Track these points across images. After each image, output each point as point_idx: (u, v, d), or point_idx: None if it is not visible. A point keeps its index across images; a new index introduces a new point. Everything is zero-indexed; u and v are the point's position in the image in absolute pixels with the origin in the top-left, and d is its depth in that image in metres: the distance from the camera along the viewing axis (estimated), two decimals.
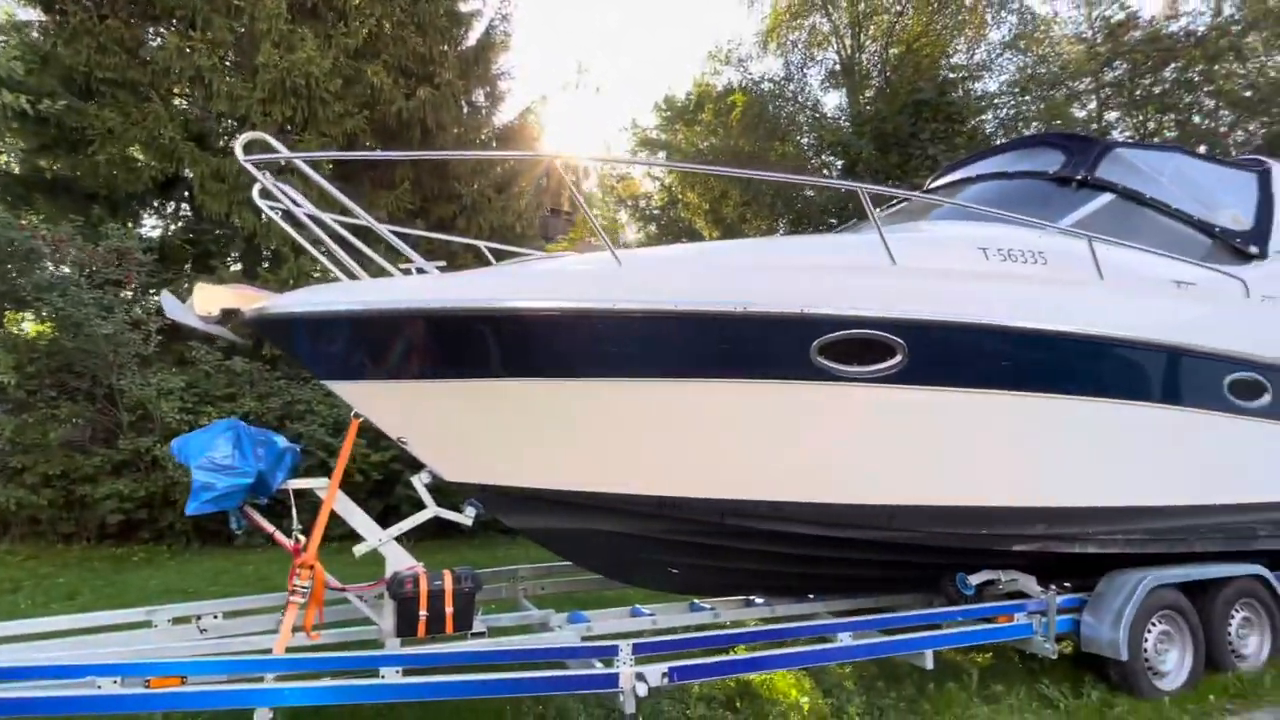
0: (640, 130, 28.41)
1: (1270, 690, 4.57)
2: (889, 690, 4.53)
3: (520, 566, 5.39)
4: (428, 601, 3.78)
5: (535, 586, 5.30)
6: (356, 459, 8.86)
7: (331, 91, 10.93)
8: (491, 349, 3.51)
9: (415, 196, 12.24)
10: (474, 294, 3.41)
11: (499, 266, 4.12)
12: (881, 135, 15.71)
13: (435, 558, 8.47)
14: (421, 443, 3.85)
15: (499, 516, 4.19)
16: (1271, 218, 5.84)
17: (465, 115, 13.27)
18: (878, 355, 3.85)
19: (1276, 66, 20.16)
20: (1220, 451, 4.79)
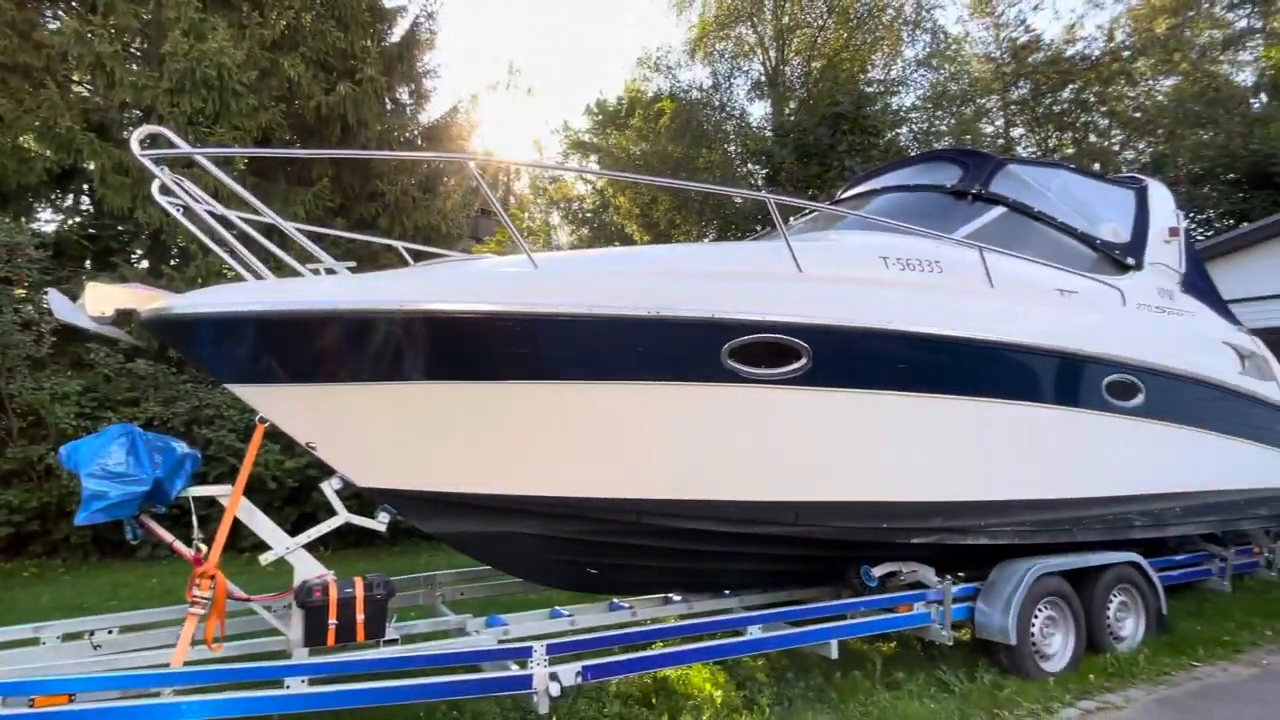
0: (572, 133, 28.44)
1: (1144, 668, 4.95)
2: (798, 681, 4.71)
3: (439, 572, 5.35)
4: (338, 610, 3.71)
5: (454, 592, 5.26)
6: (269, 466, 8.56)
7: (245, 84, 10.53)
8: (403, 352, 3.49)
9: (335, 194, 11.93)
10: (384, 295, 3.38)
11: (414, 268, 4.09)
12: (802, 146, 16.22)
13: (355, 566, 8.32)
14: (331, 448, 3.78)
15: (414, 522, 4.15)
16: (1147, 232, 6.35)
17: (389, 113, 13.02)
18: (784, 358, 4.01)
19: (1162, 91, 21.80)
20: (1099, 448, 5.16)
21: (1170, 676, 4.89)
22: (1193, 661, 5.14)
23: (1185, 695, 4.60)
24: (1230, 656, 5.27)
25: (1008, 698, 4.44)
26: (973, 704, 4.35)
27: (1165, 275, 6.26)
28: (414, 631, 4.39)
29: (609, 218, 26.39)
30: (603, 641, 4.01)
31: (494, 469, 3.81)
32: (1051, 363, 4.87)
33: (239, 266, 3.84)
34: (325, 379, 3.48)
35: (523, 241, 3.62)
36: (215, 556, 3.65)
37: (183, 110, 10.10)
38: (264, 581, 5.52)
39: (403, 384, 3.56)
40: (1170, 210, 6.64)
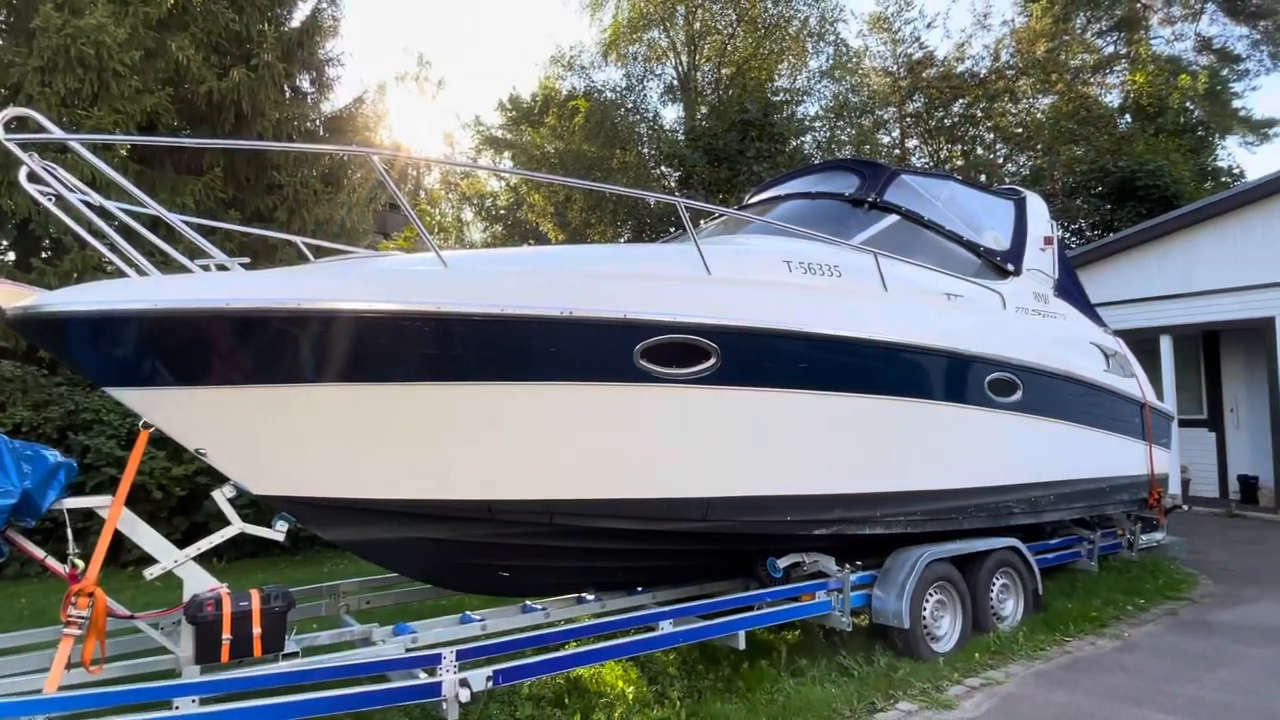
0: (485, 128, 27.99)
1: (1022, 645, 5.34)
2: (708, 673, 4.84)
3: (342, 581, 5.19)
4: (231, 624, 3.55)
5: (359, 601, 5.11)
6: (154, 474, 8.04)
7: (128, 64, 9.83)
8: (301, 353, 3.37)
9: (228, 185, 11.29)
10: (280, 293, 3.25)
11: (314, 264, 3.95)
12: (713, 150, 16.55)
13: (253, 577, 7.94)
14: (223, 454, 3.61)
15: (314, 529, 4.02)
16: (1025, 240, 6.86)
17: (288, 101, 12.43)
18: (695, 358, 4.11)
19: (1040, 109, 23.51)
20: (983, 441, 5.55)
21: (1045, 651, 5.30)
22: (1065, 637, 5.59)
23: (1058, 668, 5.00)
24: (1097, 631, 5.76)
25: (902, 679, 4.70)
26: (870, 686, 4.59)
27: (1041, 280, 6.78)
28: (316, 644, 4.23)
29: (523, 215, 26.13)
30: (515, 644, 4.00)
31: (399, 473, 3.73)
32: (940, 362, 5.19)
33: (119, 261, 3.60)
34: (216, 381, 3.31)
35: (431, 239, 3.56)
36: (94, 572, 3.41)
37: (55, 90, 9.33)
38: (151, 597, 5.20)
39: (301, 386, 3.43)
40: (1046, 220, 7.20)
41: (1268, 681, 4.62)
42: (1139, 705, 4.32)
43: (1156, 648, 5.36)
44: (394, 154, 7.40)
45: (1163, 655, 5.19)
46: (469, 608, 4.95)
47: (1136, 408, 7.42)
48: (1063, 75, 23.16)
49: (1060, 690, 4.59)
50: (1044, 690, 4.60)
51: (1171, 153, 18.66)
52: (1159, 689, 4.55)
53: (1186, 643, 5.44)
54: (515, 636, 4.07)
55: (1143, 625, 5.92)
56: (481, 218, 30.35)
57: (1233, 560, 8.04)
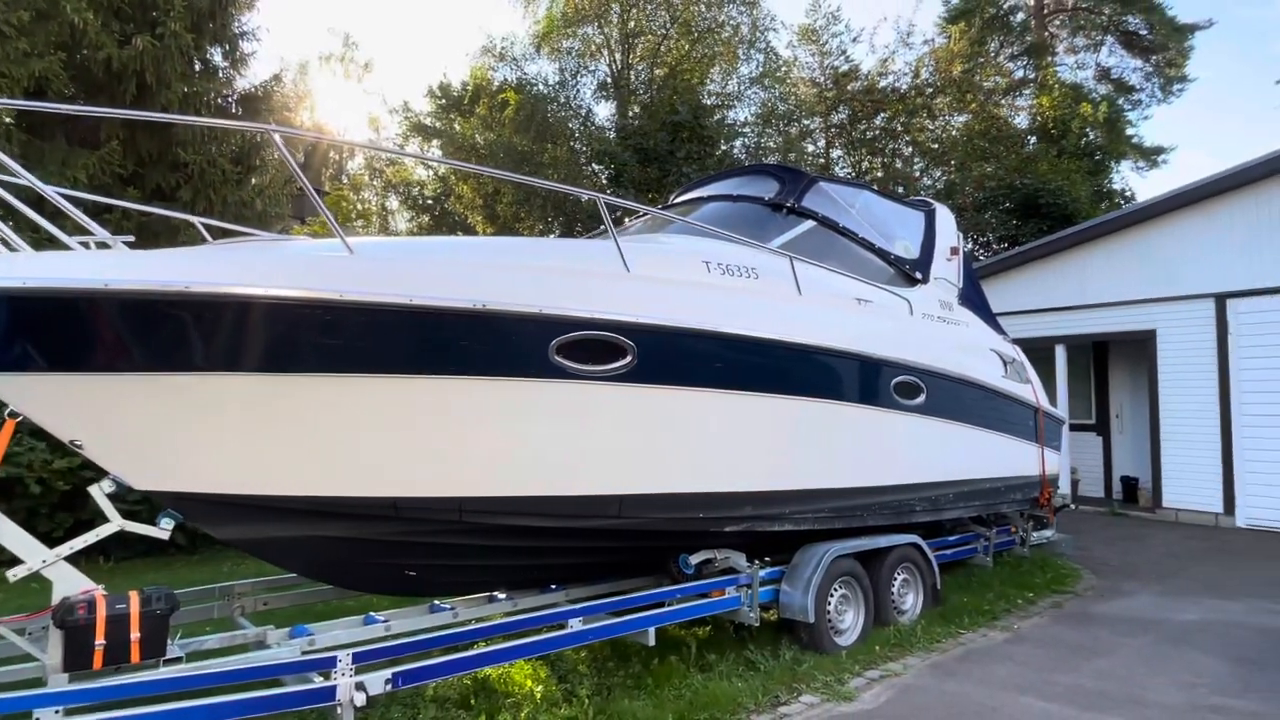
0: (413, 115, 27.20)
1: (920, 638, 5.57)
2: (618, 669, 4.84)
3: (237, 582, 4.94)
4: (106, 628, 3.32)
5: (255, 602, 4.89)
6: (35, 467, 7.47)
7: (14, 25, 9.10)
8: (189, 339, 3.18)
9: (127, 160, 10.59)
10: (166, 275, 3.06)
11: (209, 246, 3.74)
12: (643, 150, 16.61)
13: (142, 578, 7.48)
14: (101, 446, 3.39)
15: (204, 528, 3.81)
16: (933, 250, 7.15)
17: (197, 74, 11.76)
18: (611, 355, 4.10)
19: (955, 126, 24.62)
20: (887, 440, 5.75)
21: (941, 644, 5.55)
22: (960, 629, 5.86)
23: (952, 659, 5.24)
24: (990, 623, 6.07)
25: (806, 672, 4.83)
26: (775, 680, 4.69)
27: (946, 289, 7.09)
28: (203, 648, 4.02)
29: (451, 206, 25.54)
30: (418, 645, 3.89)
31: (297, 468, 3.58)
32: (849, 364, 5.36)
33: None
34: (93, 368, 3.09)
35: (335, 223, 3.42)
36: None
37: None
38: (26, 600, 4.83)
39: (188, 375, 3.24)
40: (953, 231, 7.53)
41: (1139, 669, 4.97)
42: (1023, 693, 4.57)
43: (1042, 639, 5.69)
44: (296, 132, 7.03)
45: (1047, 646, 5.51)
46: (375, 609, 4.81)
47: (1031, 412, 7.86)
48: (976, 96, 24.32)
49: (953, 681, 4.81)
50: (938, 681, 4.82)
51: (1072, 174, 19.87)
52: (1042, 678, 4.83)
53: (1069, 634, 5.80)
54: (419, 637, 3.96)
55: (1030, 618, 6.28)
56: (407, 207, 29.50)
57: (1113, 556, 8.62)
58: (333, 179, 29.71)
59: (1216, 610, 6.34)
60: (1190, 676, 4.81)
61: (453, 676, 4.13)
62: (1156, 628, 5.89)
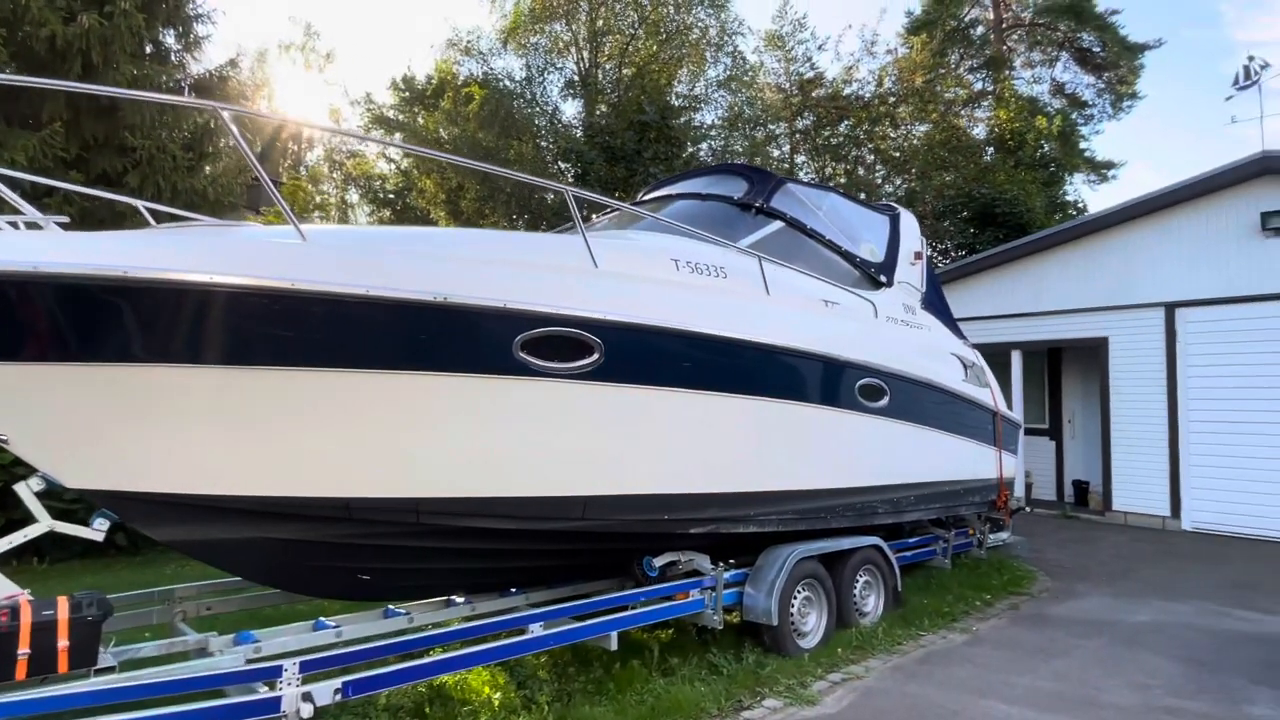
0: (375, 107, 26.65)
1: (881, 640, 5.58)
2: (579, 674, 4.73)
3: (179, 586, 4.69)
4: (31, 636, 3.10)
5: (199, 607, 4.65)
6: None
7: None
8: (124, 328, 2.99)
9: (71, 143, 10.11)
10: (101, 259, 2.86)
11: (151, 229, 3.52)
12: (610, 149, 16.51)
13: (80, 581, 7.12)
14: (28, 441, 3.17)
15: (141, 529, 3.59)
16: (897, 254, 7.20)
17: (148, 57, 11.30)
18: (578, 353, 3.99)
19: (916, 136, 25.06)
20: (851, 443, 5.75)
21: (902, 646, 5.56)
22: (920, 631, 5.89)
23: (913, 661, 5.25)
24: (949, 625, 6.11)
25: (768, 675, 4.78)
26: (738, 684, 4.64)
27: (910, 293, 7.15)
28: (139, 655, 3.79)
29: (413, 201, 25.08)
30: (369, 653, 3.73)
31: (243, 467, 3.39)
32: (815, 366, 5.34)
33: None
34: (18, 357, 2.88)
35: (287, 207, 3.24)
36: None
37: None
38: None
39: (124, 366, 3.05)
40: (916, 236, 7.59)
41: (1094, 670, 5.04)
42: (983, 696, 4.58)
43: (1000, 640, 5.75)
44: (245, 110, 6.75)
45: (1005, 648, 5.57)
46: (327, 613, 4.62)
47: (990, 416, 7.97)
48: (937, 106, 24.79)
49: (914, 683, 4.81)
50: (899, 683, 4.81)
51: (1028, 184, 20.37)
52: (1001, 680, 4.86)
53: (1025, 636, 5.87)
54: (371, 644, 3.79)
55: (989, 620, 6.34)
56: (368, 200, 28.90)
57: (1066, 558, 8.80)
58: (290, 170, 28.96)
59: (1166, 612, 6.49)
60: (1144, 678, 4.89)
61: (407, 685, 3.97)
62: (1110, 629, 6.00)
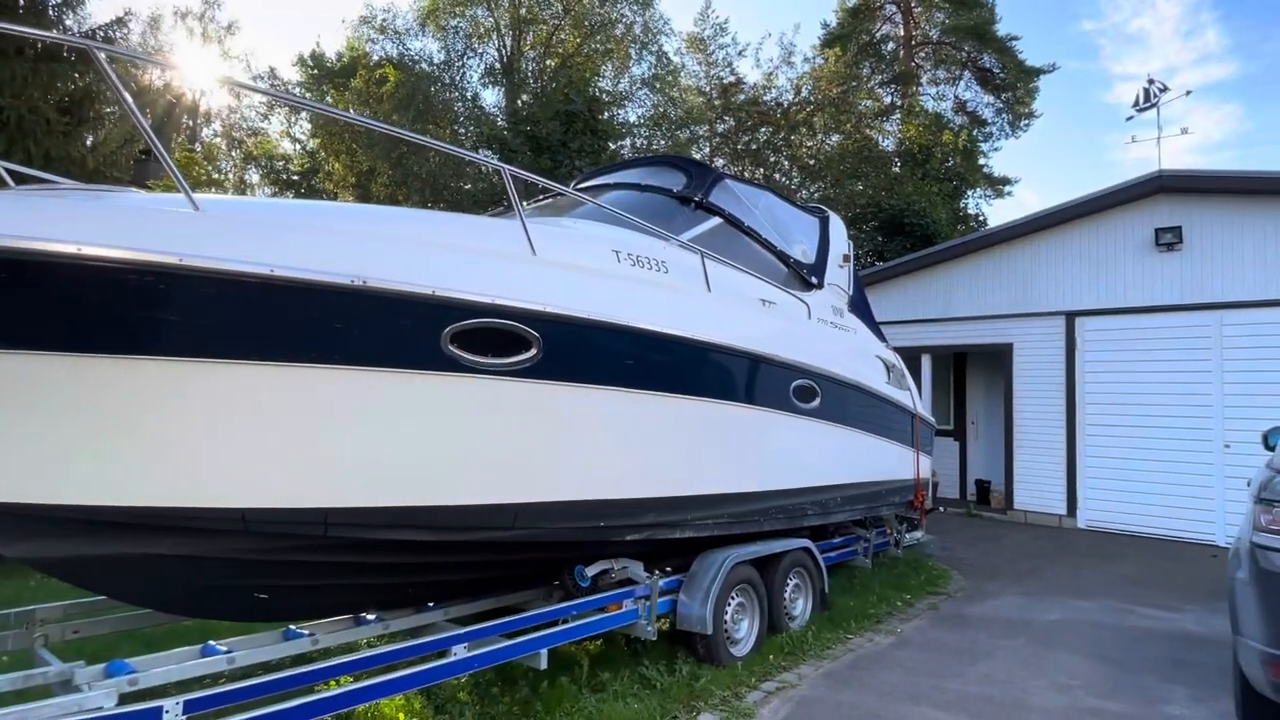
0: (281, 84, 25.07)
1: (811, 645, 5.50)
2: (504, 695, 4.40)
3: (41, 606, 4.04)
4: None
5: (63, 630, 4.02)
6: None
7: None
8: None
9: None
10: None
11: (7, 191, 2.95)
12: (535, 138, 16.06)
13: None
14: None
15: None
16: (827, 256, 7.18)
17: (22, 8, 10.07)
18: (514, 347, 3.66)
19: (830, 145, 25.73)
20: (787, 444, 5.66)
21: (832, 650, 5.50)
22: (847, 634, 5.86)
23: (844, 667, 5.19)
24: (874, 627, 6.12)
25: (703, 687, 4.59)
26: (672, 698, 4.42)
27: (838, 295, 7.14)
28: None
29: (319, 184, 23.72)
30: (270, 686, 3.26)
31: (115, 473, 2.88)
32: (754, 366, 5.19)
33: None
34: None
35: (176, 171, 2.77)
36: None
37: None
38: None
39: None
40: (844, 239, 7.62)
41: (1018, 672, 5.11)
42: (917, 703, 4.55)
43: (925, 642, 5.78)
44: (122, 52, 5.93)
45: (931, 650, 5.60)
46: (215, 634, 4.08)
47: (909, 418, 8.12)
48: (850, 117, 25.54)
49: (848, 690, 4.73)
50: (834, 691, 4.72)
51: (933, 196, 21.25)
52: (932, 684, 4.85)
53: (949, 637, 5.93)
54: (270, 676, 3.33)
55: (911, 620, 6.40)
56: (269, 181, 27.17)
57: (975, 557, 9.09)
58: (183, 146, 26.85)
59: (1075, 610, 6.74)
60: (1065, 678, 5.00)
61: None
62: (1026, 629, 6.15)
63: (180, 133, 26.89)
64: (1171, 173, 10.25)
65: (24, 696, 3.27)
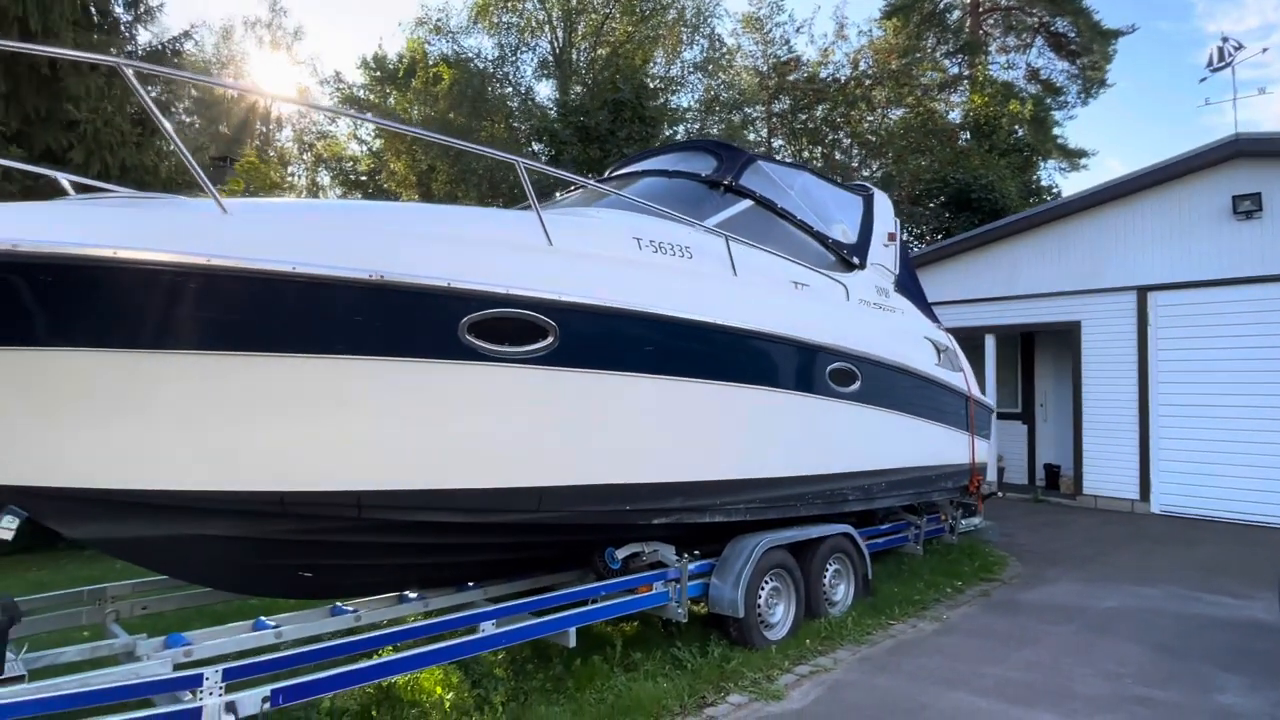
0: (345, 87, 26.04)
1: (851, 630, 5.44)
2: (537, 672, 4.54)
3: (111, 584, 4.42)
4: None
5: (134, 606, 4.38)
6: None
7: None
8: (29, 308, 2.71)
9: (10, 117, 9.61)
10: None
11: (57, 201, 3.23)
12: (584, 129, 16.18)
13: (25, 577, 6.77)
14: None
15: (56, 526, 3.32)
16: (870, 235, 7.03)
17: (95, 26, 10.77)
18: (530, 336, 3.76)
19: (892, 119, 24.95)
20: (822, 428, 5.59)
21: (872, 636, 5.43)
22: (890, 620, 5.77)
23: (883, 653, 5.13)
24: (919, 614, 6.00)
25: (734, 669, 4.62)
26: (702, 679, 4.47)
27: (883, 275, 6.99)
28: (60, 661, 3.53)
29: (384, 182, 24.56)
30: (309, 656, 3.49)
31: (164, 459, 3.13)
32: (784, 350, 5.15)
33: None
34: None
35: (202, 174, 2.96)
36: None
37: None
38: None
39: (26, 350, 2.77)
40: (890, 217, 7.43)
41: (1065, 659, 4.94)
42: (953, 688, 4.47)
43: (971, 629, 5.65)
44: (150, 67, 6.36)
45: (976, 636, 5.47)
46: (280, 610, 4.37)
47: (963, 401, 7.87)
48: (913, 90, 24.68)
49: (883, 675, 4.68)
50: (868, 675, 4.68)
51: (1002, 169, 20.35)
52: (972, 670, 4.75)
53: (997, 623, 5.78)
54: (307, 648, 3.55)
55: (959, 607, 6.25)
56: (339, 183, 28.32)
57: (1037, 543, 8.77)
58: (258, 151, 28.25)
59: (1136, 597, 6.45)
60: (1114, 666, 4.81)
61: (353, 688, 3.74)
62: (1080, 615, 5.93)
63: (254, 138, 28.23)
64: (1249, 136, 9.55)
65: (92, 665, 3.59)
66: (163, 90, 11.10)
